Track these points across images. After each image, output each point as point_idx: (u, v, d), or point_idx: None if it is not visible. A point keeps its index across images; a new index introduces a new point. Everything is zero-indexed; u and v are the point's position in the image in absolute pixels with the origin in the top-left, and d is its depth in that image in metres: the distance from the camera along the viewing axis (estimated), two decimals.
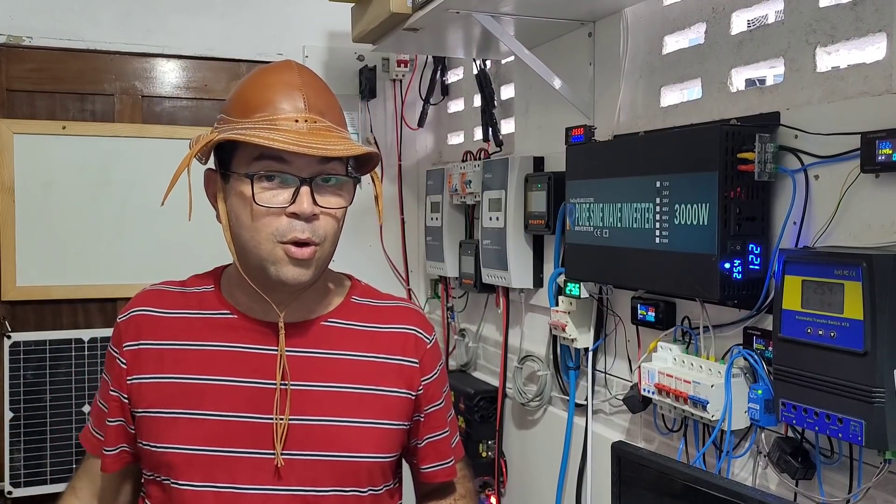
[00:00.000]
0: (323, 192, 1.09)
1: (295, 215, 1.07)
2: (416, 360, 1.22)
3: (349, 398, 1.15)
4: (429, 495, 1.34)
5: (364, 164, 1.20)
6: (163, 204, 1.13)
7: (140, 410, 1.14)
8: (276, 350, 1.14)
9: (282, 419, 1.12)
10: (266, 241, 1.08)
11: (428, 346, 1.25)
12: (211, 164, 1.15)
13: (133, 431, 1.17)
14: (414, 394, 1.21)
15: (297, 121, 1.08)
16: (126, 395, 1.16)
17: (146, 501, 1.18)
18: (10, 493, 2.24)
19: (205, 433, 1.12)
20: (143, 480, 1.19)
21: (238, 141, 1.07)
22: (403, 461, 1.31)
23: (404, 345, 1.22)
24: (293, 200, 1.07)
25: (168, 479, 1.12)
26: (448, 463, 1.29)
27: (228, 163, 1.11)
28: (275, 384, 1.13)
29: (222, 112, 1.14)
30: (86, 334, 2.35)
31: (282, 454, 1.11)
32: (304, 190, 1.07)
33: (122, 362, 1.16)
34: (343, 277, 1.28)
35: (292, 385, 1.13)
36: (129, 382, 1.15)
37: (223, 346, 1.15)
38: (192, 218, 1.11)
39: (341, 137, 1.11)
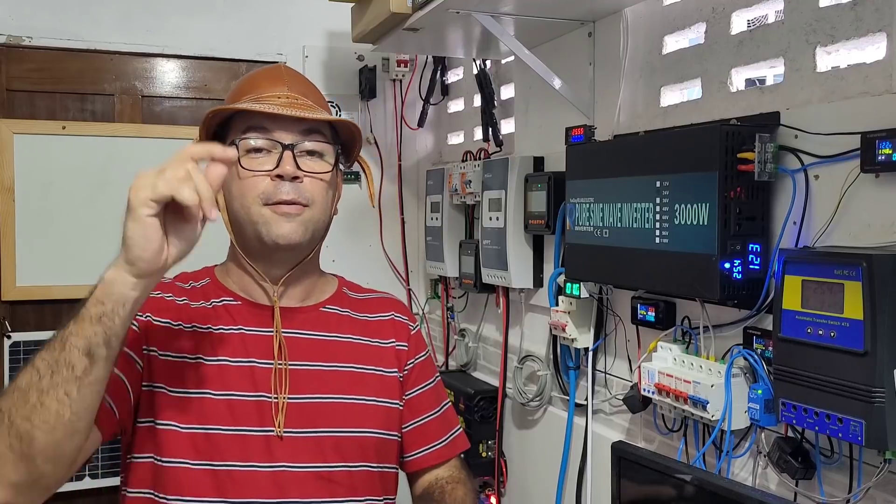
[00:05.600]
0: (306, 158, 1.17)
1: (279, 177, 1.14)
2: (406, 344, 1.31)
3: (350, 377, 1.21)
4: (426, 487, 1.34)
5: (350, 150, 1.26)
6: None
7: (148, 384, 1.14)
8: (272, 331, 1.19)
9: (276, 398, 1.15)
10: (253, 203, 1.14)
11: (412, 332, 1.34)
12: None
13: (131, 396, 1.12)
14: (401, 375, 1.28)
15: (279, 97, 1.18)
16: (140, 361, 1.13)
17: (126, 491, 1.16)
18: None
19: (208, 412, 1.14)
20: (127, 462, 1.17)
21: (226, 113, 1.18)
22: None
23: (393, 330, 1.31)
24: (277, 165, 1.15)
25: (163, 460, 1.12)
26: (435, 446, 1.32)
27: (222, 143, 1.18)
28: (274, 364, 1.17)
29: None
30: None
31: (285, 431, 1.15)
32: (287, 154, 1.15)
33: (136, 327, 1.14)
34: (332, 276, 1.36)
35: (294, 364, 1.18)
36: (144, 351, 1.15)
37: (226, 329, 1.19)
38: None
39: (321, 113, 1.20)
